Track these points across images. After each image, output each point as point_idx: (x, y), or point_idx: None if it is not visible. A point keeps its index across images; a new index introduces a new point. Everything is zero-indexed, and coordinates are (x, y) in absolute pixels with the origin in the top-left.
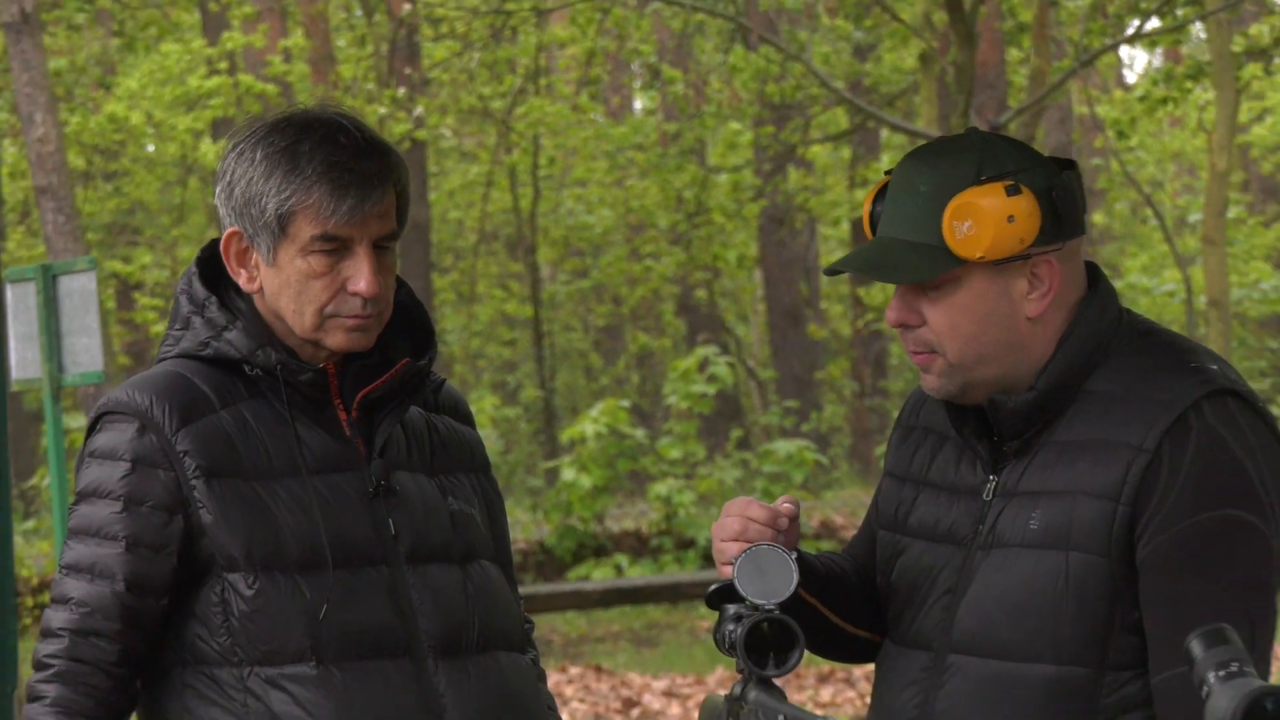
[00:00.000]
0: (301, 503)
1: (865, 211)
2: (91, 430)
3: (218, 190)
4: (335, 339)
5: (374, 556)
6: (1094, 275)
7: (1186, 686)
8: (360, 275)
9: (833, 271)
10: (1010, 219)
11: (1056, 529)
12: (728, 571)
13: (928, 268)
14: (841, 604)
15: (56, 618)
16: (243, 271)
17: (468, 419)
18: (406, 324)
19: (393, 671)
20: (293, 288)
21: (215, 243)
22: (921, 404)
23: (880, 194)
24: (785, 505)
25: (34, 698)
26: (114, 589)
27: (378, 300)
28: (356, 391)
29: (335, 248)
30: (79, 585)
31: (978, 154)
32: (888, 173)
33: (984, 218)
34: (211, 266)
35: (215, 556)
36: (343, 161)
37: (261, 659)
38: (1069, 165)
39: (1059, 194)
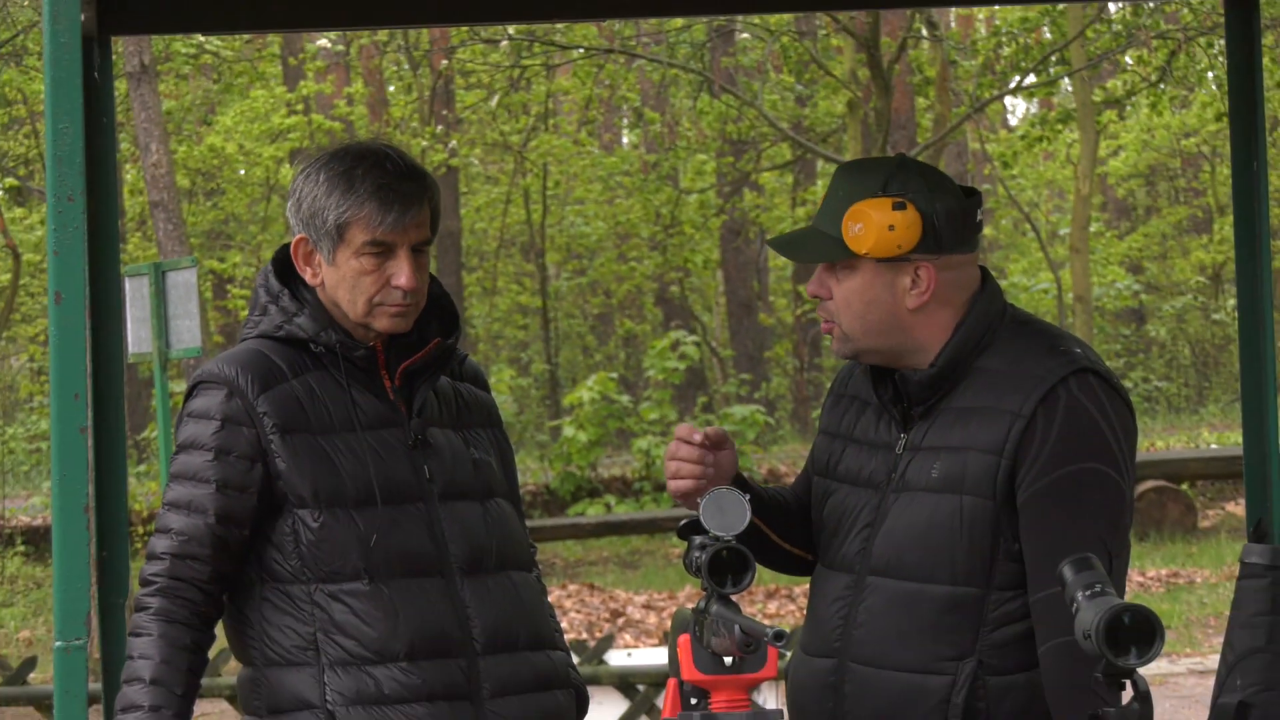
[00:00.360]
0: (356, 453)
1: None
2: (189, 395)
3: (289, 204)
4: (381, 323)
5: (413, 495)
6: (984, 276)
7: (1059, 603)
8: (401, 272)
9: (771, 246)
10: (890, 228)
11: (953, 477)
12: (672, 485)
13: (824, 254)
14: (783, 528)
15: (160, 544)
16: (308, 269)
17: (485, 386)
18: (438, 310)
19: (429, 587)
20: (348, 282)
21: (286, 247)
22: (850, 376)
23: None
24: (710, 430)
25: (140, 608)
26: (206, 521)
27: (415, 292)
28: (399, 364)
29: (381, 251)
30: (178, 518)
31: (888, 173)
32: None
33: (870, 223)
34: (283, 265)
35: (288, 495)
36: (388, 184)
37: (324, 578)
38: (972, 194)
39: (939, 217)
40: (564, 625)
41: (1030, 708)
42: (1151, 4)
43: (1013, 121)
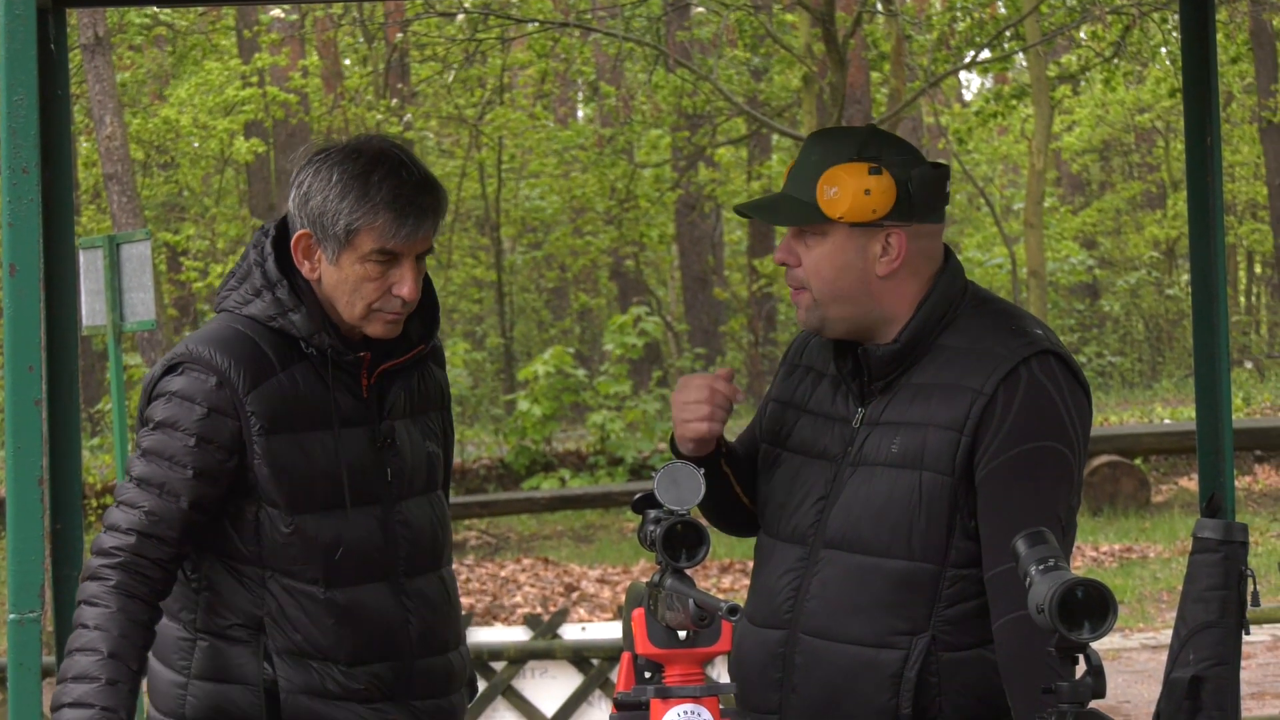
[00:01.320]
0: (330, 452)
1: (784, 178)
2: (172, 370)
3: (292, 196)
4: (375, 329)
5: (376, 497)
6: (947, 253)
7: (1014, 579)
8: (405, 283)
9: (739, 212)
10: (866, 192)
11: (912, 453)
12: (699, 427)
13: (798, 218)
14: (738, 473)
15: (125, 518)
16: (306, 263)
17: (441, 361)
18: (421, 304)
19: (378, 593)
20: (349, 285)
21: (282, 224)
22: (805, 347)
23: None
24: (723, 377)
25: (95, 577)
26: (179, 506)
27: (414, 302)
28: (378, 364)
29: (388, 259)
30: (149, 497)
31: (861, 140)
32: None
33: (845, 187)
34: (278, 247)
35: (259, 490)
36: (406, 195)
37: (283, 572)
38: (939, 166)
39: (914, 183)
40: (518, 600)
41: (983, 682)
42: None
43: (968, 96)
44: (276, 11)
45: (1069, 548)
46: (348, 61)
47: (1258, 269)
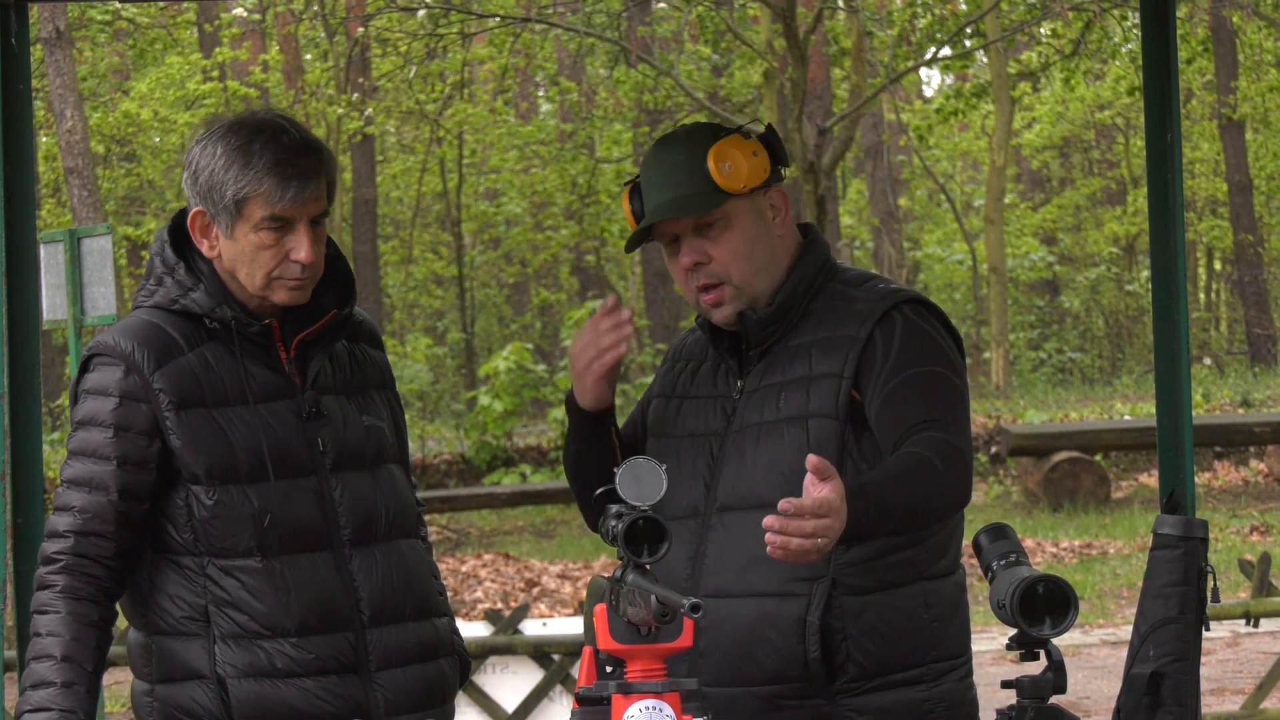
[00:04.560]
0: (250, 426)
1: (627, 210)
2: (85, 369)
3: (184, 175)
4: (279, 296)
5: (306, 468)
6: (808, 229)
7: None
8: (301, 247)
9: (631, 244)
10: (754, 154)
11: (797, 405)
12: (610, 357)
13: (710, 203)
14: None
15: (61, 522)
16: (205, 241)
17: (378, 344)
18: (334, 275)
19: (319, 561)
20: (246, 256)
21: (181, 213)
22: (683, 345)
23: (634, 193)
24: (619, 314)
25: (44, 586)
26: (109, 498)
27: (313, 265)
28: (294, 335)
29: (280, 225)
30: (80, 496)
31: (705, 127)
32: (628, 183)
33: (737, 157)
34: (178, 233)
35: (182, 471)
36: (286, 158)
37: (217, 552)
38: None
39: (771, 139)
40: (479, 595)
41: (888, 627)
42: None
43: (929, 92)
44: (239, 10)
45: (968, 472)
46: (308, 56)
47: (1217, 265)
